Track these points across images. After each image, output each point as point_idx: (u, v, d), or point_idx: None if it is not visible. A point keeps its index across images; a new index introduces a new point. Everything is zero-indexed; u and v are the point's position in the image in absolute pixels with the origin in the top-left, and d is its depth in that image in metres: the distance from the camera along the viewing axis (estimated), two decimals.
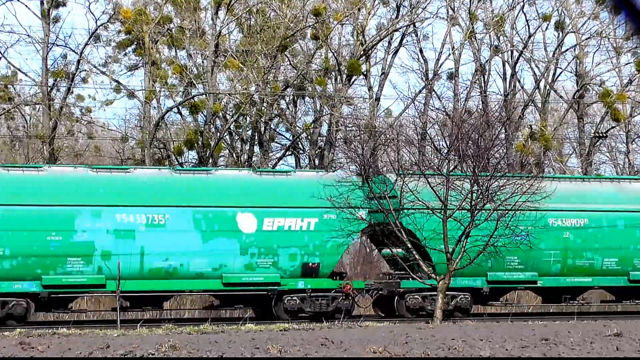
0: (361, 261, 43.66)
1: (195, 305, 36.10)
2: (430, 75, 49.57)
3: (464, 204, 28.33)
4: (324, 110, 48.41)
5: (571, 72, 52.30)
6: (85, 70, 46.44)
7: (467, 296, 31.82)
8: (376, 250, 36.25)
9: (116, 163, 45.90)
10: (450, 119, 31.57)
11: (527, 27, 50.63)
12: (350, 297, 30.86)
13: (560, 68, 51.61)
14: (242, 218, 29.84)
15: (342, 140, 46.00)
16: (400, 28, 49.04)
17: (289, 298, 30.40)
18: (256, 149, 48.68)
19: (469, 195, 28.22)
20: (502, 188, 28.36)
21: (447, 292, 30.14)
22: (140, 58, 46.30)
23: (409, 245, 28.36)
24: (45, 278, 28.23)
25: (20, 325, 27.02)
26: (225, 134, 47.49)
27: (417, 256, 28.48)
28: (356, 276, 38.78)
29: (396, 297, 31.55)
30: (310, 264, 30.58)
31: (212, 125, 46.58)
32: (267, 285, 30.20)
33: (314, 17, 46.29)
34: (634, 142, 54.61)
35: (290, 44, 47.00)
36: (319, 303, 30.56)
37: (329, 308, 30.59)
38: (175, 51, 47.36)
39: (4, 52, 45.22)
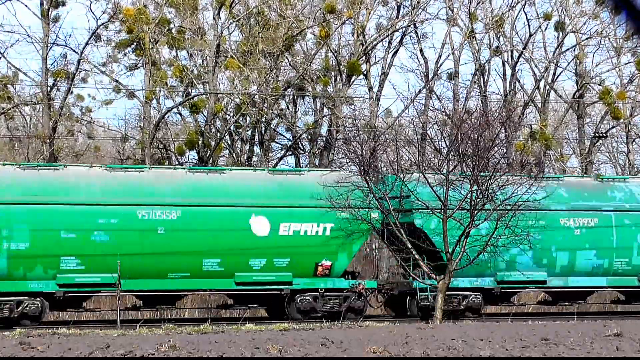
0: None
1: None
2: (430, 76, 49.61)
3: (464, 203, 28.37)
4: (324, 111, 48.46)
5: (571, 72, 52.37)
6: (85, 70, 46.50)
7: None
8: None
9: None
10: (450, 119, 31.55)
11: (527, 27, 50.70)
12: None
13: (561, 68, 51.67)
14: None
15: (341, 140, 46.03)
16: (400, 28, 49.06)
17: None
18: (256, 149, 48.76)
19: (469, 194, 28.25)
20: (502, 188, 28.38)
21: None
22: (140, 58, 46.32)
23: None
24: None
25: None
26: (226, 134, 47.52)
27: None
28: None
29: None
30: None
31: (212, 126, 46.61)
32: None
33: (325, 15, 46.31)
34: (634, 142, 54.62)
35: (293, 43, 47.07)
36: None
37: None
38: (176, 51, 47.39)
39: (4, 52, 45.29)
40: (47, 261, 28.65)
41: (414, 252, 29.04)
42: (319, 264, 30.83)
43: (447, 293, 29.49)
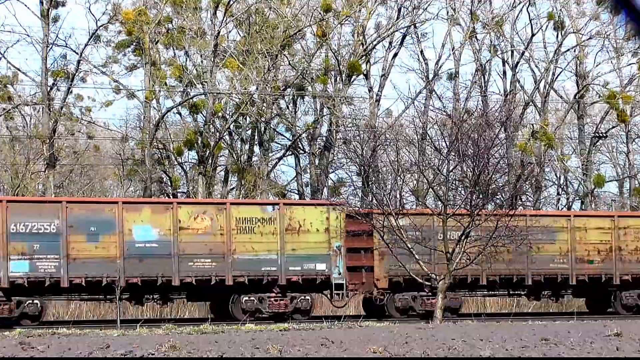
0: None
1: None
2: (431, 76, 49.61)
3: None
4: (324, 110, 48.44)
5: (571, 72, 52.35)
6: (85, 70, 46.51)
7: None
8: None
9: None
10: (450, 119, 31.51)
11: (530, 26, 50.69)
12: None
13: (560, 68, 51.67)
14: None
15: (342, 140, 46.01)
16: (400, 29, 49.07)
17: None
18: (256, 149, 48.72)
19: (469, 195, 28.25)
20: (502, 188, 28.39)
21: None
22: (139, 58, 46.32)
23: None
24: None
25: None
26: (225, 134, 47.50)
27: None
28: None
29: None
30: None
31: (211, 126, 46.58)
32: None
33: (322, 13, 46.30)
34: (634, 142, 54.62)
35: (292, 42, 47.04)
36: None
37: None
38: (174, 51, 47.36)
39: (4, 52, 45.30)
40: None
41: None
42: None
43: None
